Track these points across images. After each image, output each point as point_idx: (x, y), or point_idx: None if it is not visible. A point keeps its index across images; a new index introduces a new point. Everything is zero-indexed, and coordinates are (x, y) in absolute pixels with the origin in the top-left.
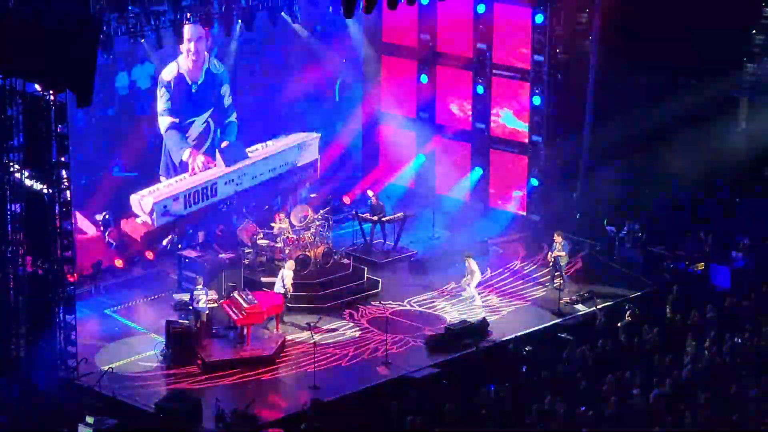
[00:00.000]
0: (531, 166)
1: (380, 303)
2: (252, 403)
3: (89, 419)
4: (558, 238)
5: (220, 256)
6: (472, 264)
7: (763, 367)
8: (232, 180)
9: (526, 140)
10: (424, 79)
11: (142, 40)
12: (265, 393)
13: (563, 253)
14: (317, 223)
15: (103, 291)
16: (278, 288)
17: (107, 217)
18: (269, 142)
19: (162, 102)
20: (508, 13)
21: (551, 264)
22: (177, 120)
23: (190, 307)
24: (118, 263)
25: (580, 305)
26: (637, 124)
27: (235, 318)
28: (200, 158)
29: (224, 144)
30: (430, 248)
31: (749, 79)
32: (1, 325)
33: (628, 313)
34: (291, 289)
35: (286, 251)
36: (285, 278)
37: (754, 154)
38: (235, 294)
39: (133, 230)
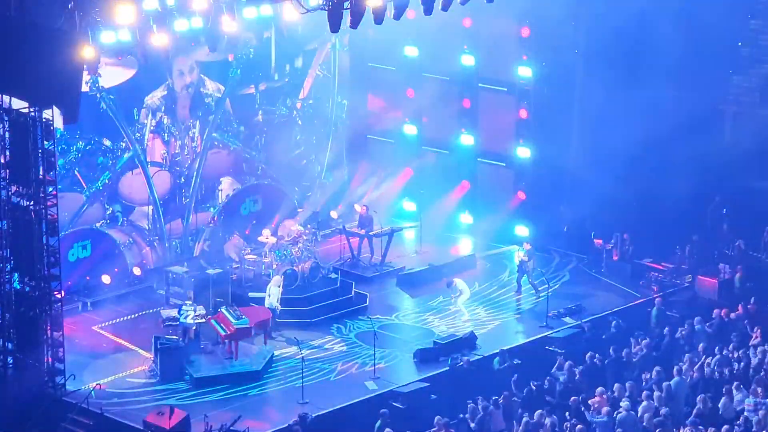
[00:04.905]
0: (518, 180)
1: (368, 317)
2: (239, 419)
3: None
4: (526, 246)
5: (207, 271)
6: (460, 284)
7: (751, 379)
8: None
9: (513, 153)
10: (411, 93)
11: (129, 57)
12: (253, 408)
13: (526, 258)
14: (304, 237)
15: (90, 307)
16: (268, 303)
17: None
18: None
19: None
20: (495, 26)
21: (516, 269)
22: None
23: (178, 323)
24: (106, 279)
25: (567, 318)
26: (623, 137)
27: (223, 334)
28: None
29: None
30: (418, 262)
31: (736, 92)
32: None
33: (613, 323)
34: (279, 306)
35: (274, 266)
36: (272, 294)
37: (740, 165)
38: (223, 309)
39: None
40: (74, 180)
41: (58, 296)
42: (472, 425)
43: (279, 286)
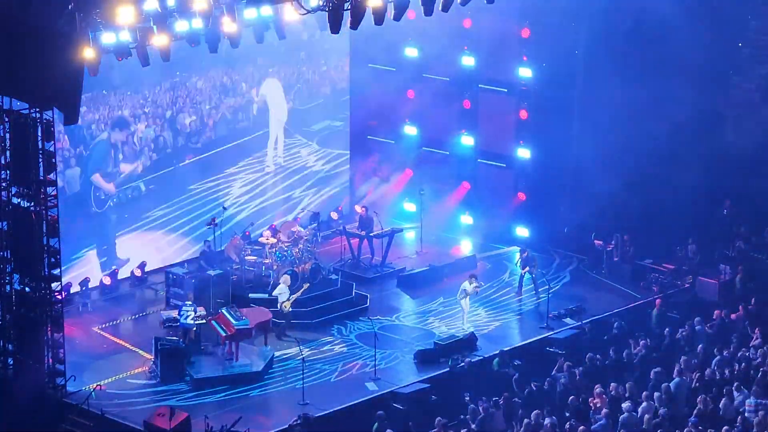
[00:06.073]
0: (518, 180)
1: (368, 318)
2: (240, 420)
3: None
4: (524, 254)
5: (207, 272)
6: (466, 285)
7: (751, 380)
8: None
9: (514, 154)
10: (411, 93)
11: (128, 58)
12: (254, 409)
13: (527, 269)
14: (305, 238)
15: (91, 308)
16: (283, 299)
17: None
18: None
19: None
20: (496, 27)
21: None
22: None
23: (178, 324)
24: (106, 280)
25: (568, 319)
26: (624, 138)
27: (223, 335)
28: None
29: None
30: (418, 263)
31: (736, 92)
32: None
33: (615, 324)
34: (285, 308)
35: (274, 267)
36: (281, 294)
37: (741, 166)
38: (223, 310)
39: None
40: None
41: (59, 297)
42: (473, 426)
43: (287, 285)
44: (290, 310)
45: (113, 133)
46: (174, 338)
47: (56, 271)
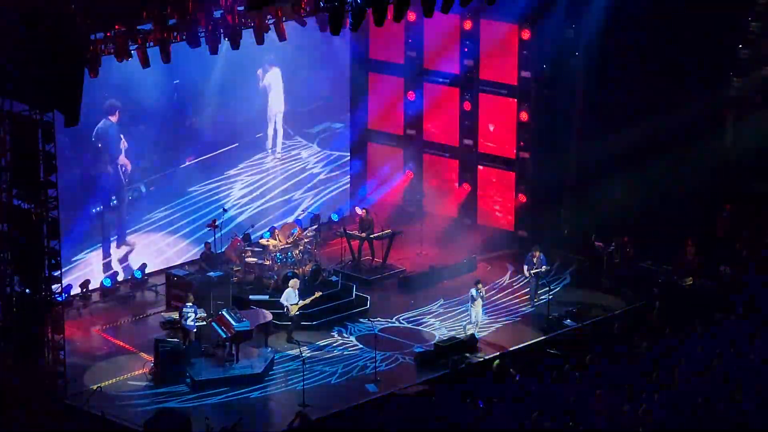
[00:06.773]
0: (518, 182)
1: (369, 320)
2: (240, 421)
3: None
4: (536, 253)
5: (208, 274)
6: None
7: (752, 381)
8: None
9: (514, 156)
10: (412, 95)
11: (128, 59)
12: (254, 411)
13: (544, 268)
14: (305, 240)
15: (91, 310)
16: (292, 302)
17: None
18: None
19: None
20: (495, 29)
21: (530, 279)
22: None
23: (179, 326)
24: (107, 282)
25: (568, 320)
26: (624, 139)
27: (224, 336)
28: None
29: None
30: (419, 265)
31: (736, 94)
32: None
33: (615, 326)
34: (293, 309)
35: (275, 269)
36: (289, 298)
37: (741, 168)
38: (224, 312)
39: None
40: None
41: (59, 299)
42: (473, 428)
43: (295, 289)
44: (297, 313)
45: (111, 117)
46: (174, 340)
47: (57, 273)
